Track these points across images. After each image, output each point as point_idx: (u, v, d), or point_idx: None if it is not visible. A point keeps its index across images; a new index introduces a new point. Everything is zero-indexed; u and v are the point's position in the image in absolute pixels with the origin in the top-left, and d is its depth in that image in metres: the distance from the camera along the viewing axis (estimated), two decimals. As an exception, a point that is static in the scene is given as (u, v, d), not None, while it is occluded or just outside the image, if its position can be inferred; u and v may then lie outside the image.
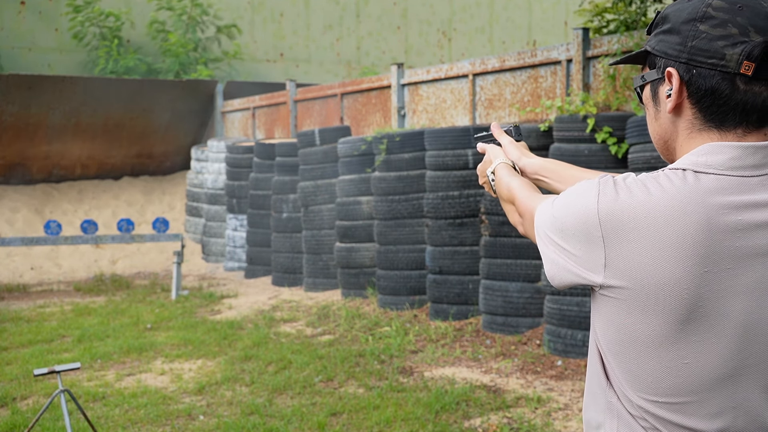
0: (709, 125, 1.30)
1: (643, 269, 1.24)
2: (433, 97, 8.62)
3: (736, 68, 1.24)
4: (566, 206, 1.34)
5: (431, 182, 6.91)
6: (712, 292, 1.23)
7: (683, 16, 1.29)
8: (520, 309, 6.13)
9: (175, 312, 7.91)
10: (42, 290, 9.55)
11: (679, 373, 1.25)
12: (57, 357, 6.17)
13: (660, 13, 1.37)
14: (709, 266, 1.22)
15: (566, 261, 1.33)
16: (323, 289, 8.48)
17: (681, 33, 1.28)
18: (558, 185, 1.79)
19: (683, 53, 1.28)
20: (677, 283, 1.22)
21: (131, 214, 12.19)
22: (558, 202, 1.36)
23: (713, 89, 1.27)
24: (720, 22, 1.25)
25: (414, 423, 4.47)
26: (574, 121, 5.79)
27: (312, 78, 15.31)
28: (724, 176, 1.25)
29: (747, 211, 1.24)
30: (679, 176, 1.26)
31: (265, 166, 9.67)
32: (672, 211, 1.23)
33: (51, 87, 11.30)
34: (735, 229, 1.23)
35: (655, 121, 1.40)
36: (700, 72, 1.27)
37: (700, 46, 1.26)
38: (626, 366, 1.30)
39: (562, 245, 1.33)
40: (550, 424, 4.41)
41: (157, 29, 13.85)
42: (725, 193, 1.24)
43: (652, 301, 1.24)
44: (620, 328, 1.28)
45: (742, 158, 1.25)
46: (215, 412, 4.84)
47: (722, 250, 1.22)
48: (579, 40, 6.78)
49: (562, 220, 1.34)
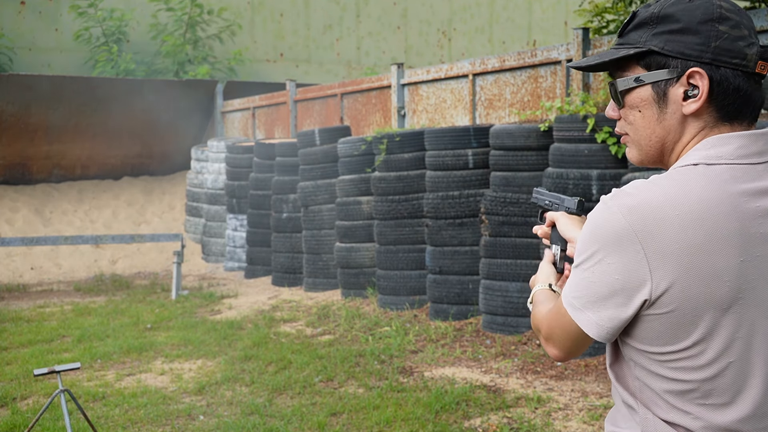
0: (722, 122, 1.32)
1: (686, 270, 1.22)
2: (433, 97, 8.62)
3: (754, 68, 1.29)
4: (586, 233, 1.30)
5: (431, 182, 6.91)
6: (748, 282, 1.24)
7: (698, 16, 1.29)
8: (520, 309, 6.13)
9: (175, 312, 7.91)
10: (42, 290, 9.55)
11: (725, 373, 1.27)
12: (57, 357, 6.17)
13: (651, 12, 1.33)
14: (744, 255, 1.23)
15: (606, 295, 1.28)
16: (323, 289, 8.48)
17: (701, 33, 1.29)
18: None
19: (706, 53, 1.28)
20: (719, 277, 1.23)
21: (131, 214, 12.19)
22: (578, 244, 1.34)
23: (737, 88, 1.30)
24: (735, 24, 1.29)
25: (414, 423, 4.47)
26: (574, 121, 5.79)
27: (312, 78, 15.31)
28: (735, 165, 1.28)
29: (762, 198, 1.27)
30: (698, 171, 1.27)
31: (265, 166, 9.67)
32: (701, 206, 1.23)
33: (51, 87, 11.30)
34: (757, 215, 1.25)
35: (657, 124, 1.35)
36: (725, 72, 1.29)
37: (724, 47, 1.28)
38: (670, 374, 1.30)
39: (595, 278, 1.28)
40: (550, 424, 4.41)
41: (158, 29, 13.85)
42: (740, 182, 1.27)
43: (696, 302, 1.23)
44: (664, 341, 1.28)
45: (747, 146, 1.29)
46: (215, 412, 4.84)
47: (752, 237, 1.24)
48: (579, 40, 6.78)
49: (587, 246, 1.29)
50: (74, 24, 13.42)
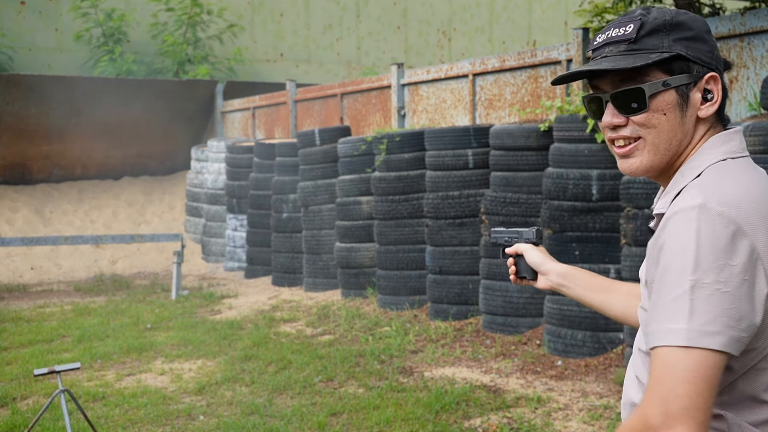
0: (717, 122, 1.44)
1: None
2: (433, 97, 8.62)
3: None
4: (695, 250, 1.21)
5: (431, 182, 6.91)
6: None
7: (703, 27, 1.41)
8: (520, 309, 6.13)
9: (175, 312, 7.91)
10: (42, 290, 9.55)
11: None
12: (57, 357, 6.17)
13: (664, 19, 1.39)
14: None
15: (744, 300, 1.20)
16: (323, 289, 8.48)
17: (707, 42, 1.41)
18: (583, 293, 1.77)
19: (713, 61, 1.41)
20: None
21: (131, 214, 12.19)
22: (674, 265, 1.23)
23: (726, 92, 1.44)
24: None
25: (414, 423, 4.47)
26: (574, 121, 5.79)
27: (312, 78, 15.31)
28: (747, 157, 1.41)
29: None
30: (737, 164, 1.36)
31: (265, 166, 9.67)
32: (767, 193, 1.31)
33: (51, 87, 11.30)
34: None
35: (680, 127, 1.40)
36: (723, 78, 1.43)
37: (718, 56, 1.42)
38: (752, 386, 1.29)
39: (730, 287, 1.20)
40: (550, 424, 4.41)
41: (158, 29, 13.85)
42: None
43: None
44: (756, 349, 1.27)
45: (742, 141, 1.42)
46: (215, 412, 4.84)
47: None
48: (579, 40, 6.78)
49: (703, 260, 1.21)
50: (74, 24, 13.42)
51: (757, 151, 4.54)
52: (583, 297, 1.78)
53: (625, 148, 1.42)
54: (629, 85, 1.39)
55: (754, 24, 5.75)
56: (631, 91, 1.39)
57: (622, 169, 1.45)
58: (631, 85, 1.38)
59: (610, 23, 1.45)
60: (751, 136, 4.57)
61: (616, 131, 1.43)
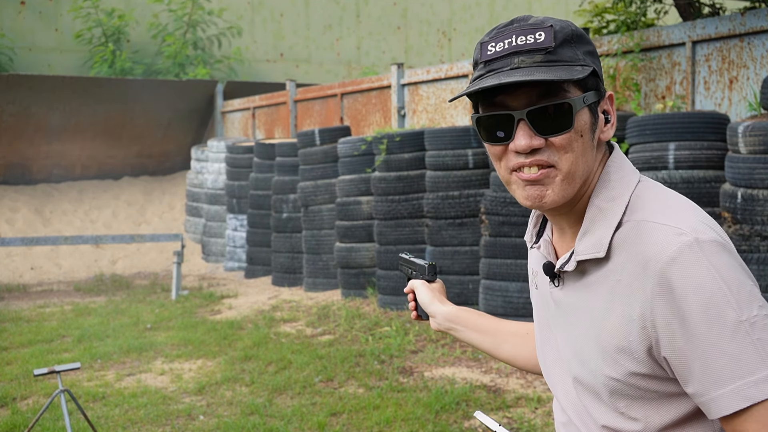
0: (602, 146, 1.28)
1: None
2: (433, 97, 8.62)
3: None
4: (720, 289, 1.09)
5: (431, 182, 6.92)
6: None
7: (591, 42, 1.24)
8: (520, 309, 6.13)
9: (175, 312, 7.91)
10: (42, 290, 9.55)
11: None
12: (57, 357, 6.17)
13: (571, 29, 1.20)
14: None
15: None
16: (323, 289, 8.48)
17: (596, 58, 1.25)
18: (472, 336, 1.63)
19: (600, 76, 1.25)
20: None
21: (131, 214, 12.19)
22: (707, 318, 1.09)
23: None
24: None
25: (414, 423, 4.47)
26: (574, 121, 5.78)
27: (312, 78, 15.31)
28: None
29: None
30: (649, 182, 1.27)
31: (265, 166, 9.68)
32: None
33: (51, 87, 11.30)
34: None
35: (590, 151, 1.22)
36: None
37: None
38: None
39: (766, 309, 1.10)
40: (550, 424, 4.41)
41: (158, 29, 13.85)
42: None
43: None
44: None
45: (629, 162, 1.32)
46: (215, 412, 4.84)
47: None
48: (579, 40, 6.77)
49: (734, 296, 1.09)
50: (74, 24, 13.42)
51: (757, 151, 4.54)
52: (472, 340, 1.63)
53: (536, 174, 1.19)
54: (551, 101, 1.16)
55: (754, 24, 5.75)
56: (554, 108, 1.16)
57: (528, 199, 1.20)
58: (554, 101, 1.16)
59: (502, 31, 1.21)
60: (751, 136, 4.56)
61: (530, 156, 1.18)
